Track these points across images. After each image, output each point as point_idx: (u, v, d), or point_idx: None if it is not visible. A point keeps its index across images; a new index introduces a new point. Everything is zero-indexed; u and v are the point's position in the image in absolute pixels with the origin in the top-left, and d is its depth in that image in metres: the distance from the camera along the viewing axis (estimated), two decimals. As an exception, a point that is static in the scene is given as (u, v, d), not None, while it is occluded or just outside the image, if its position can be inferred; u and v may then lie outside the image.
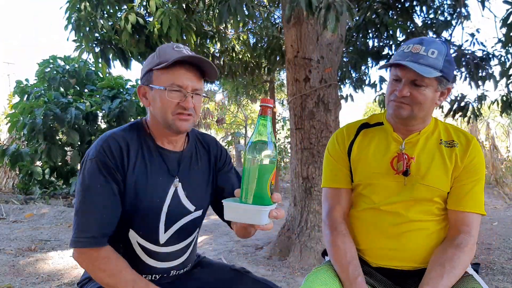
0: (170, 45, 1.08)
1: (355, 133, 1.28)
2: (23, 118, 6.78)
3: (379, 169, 1.19)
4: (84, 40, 3.22)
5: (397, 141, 1.21)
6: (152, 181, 1.08)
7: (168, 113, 1.04)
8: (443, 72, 1.09)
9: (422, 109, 1.13)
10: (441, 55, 1.10)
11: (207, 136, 1.28)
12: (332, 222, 1.22)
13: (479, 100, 4.33)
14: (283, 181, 10.17)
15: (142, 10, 3.39)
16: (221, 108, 15.07)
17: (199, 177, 1.18)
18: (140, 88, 1.11)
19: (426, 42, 1.12)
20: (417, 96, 1.11)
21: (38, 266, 3.26)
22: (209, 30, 4.50)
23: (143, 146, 1.09)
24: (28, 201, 6.85)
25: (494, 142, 9.90)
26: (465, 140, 1.18)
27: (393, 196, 1.17)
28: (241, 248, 3.70)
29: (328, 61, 3.23)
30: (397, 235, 1.16)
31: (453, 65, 1.14)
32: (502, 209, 6.30)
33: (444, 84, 1.13)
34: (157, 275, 1.14)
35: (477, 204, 1.14)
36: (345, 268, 1.11)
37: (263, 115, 0.85)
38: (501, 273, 2.98)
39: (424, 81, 1.10)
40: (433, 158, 1.17)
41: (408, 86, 1.12)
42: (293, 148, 3.39)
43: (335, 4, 2.27)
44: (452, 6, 4.30)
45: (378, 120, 1.28)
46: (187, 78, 1.04)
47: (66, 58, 7.88)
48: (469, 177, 1.15)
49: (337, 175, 1.26)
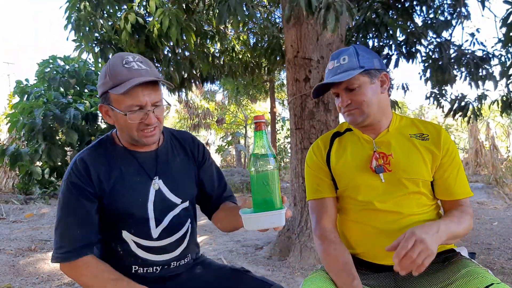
0: (119, 62, 1.06)
1: (330, 143, 1.32)
2: (22, 118, 6.78)
3: (360, 170, 1.22)
4: (84, 40, 3.22)
5: (368, 142, 1.25)
6: (130, 183, 1.13)
7: (133, 131, 1.08)
8: (363, 67, 1.16)
9: (369, 105, 1.18)
10: (352, 56, 1.18)
11: (183, 133, 1.32)
12: (322, 232, 1.23)
13: (479, 100, 4.33)
14: (283, 181, 10.17)
15: (142, 10, 3.39)
16: (221, 108, 15.07)
17: (179, 170, 1.23)
18: (102, 107, 1.12)
19: (335, 55, 1.23)
20: (357, 98, 1.18)
21: (38, 266, 3.26)
22: (209, 30, 4.50)
23: (115, 155, 1.15)
24: (28, 201, 6.85)
25: (494, 142, 9.91)
26: (434, 130, 1.22)
27: (382, 195, 1.19)
28: (241, 248, 3.70)
29: (328, 61, 3.23)
30: (395, 232, 1.15)
31: (371, 55, 1.20)
32: (502, 209, 6.29)
33: (374, 73, 1.18)
34: (158, 267, 1.17)
35: (466, 188, 1.21)
36: (340, 273, 1.11)
37: (258, 131, 0.95)
38: (501, 273, 2.98)
39: (354, 83, 1.16)
40: (409, 151, 1.20)
41: (346, 95, 1.19)
42: (293, 148, 3.39)
43: (334, 4, 2.26)
44: (452, 6, 4.30)
45: (347, 127, 1.34)
46: (144, 95, 1.05)
47: (66, 58, 7.88)
48: (450, 167, 1.19)
49: (320, 185, 1.29)
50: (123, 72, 1.04)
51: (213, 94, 13.88)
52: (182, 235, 1.22)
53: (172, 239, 1.19)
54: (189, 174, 1.25)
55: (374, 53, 1.22)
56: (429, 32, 4.35)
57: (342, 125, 1.36)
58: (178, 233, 1.20)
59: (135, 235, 1.14)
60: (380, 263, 1.21)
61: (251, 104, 13.76)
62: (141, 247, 1.15)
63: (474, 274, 1.04)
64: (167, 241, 1.17)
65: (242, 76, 5.69)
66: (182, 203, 1.21)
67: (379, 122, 1.24)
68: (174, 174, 1.21)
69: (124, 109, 1.05)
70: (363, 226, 1.21)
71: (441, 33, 4.27)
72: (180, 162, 1.24)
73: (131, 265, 1.15)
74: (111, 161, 1.14)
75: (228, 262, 3.24)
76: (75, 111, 6.79)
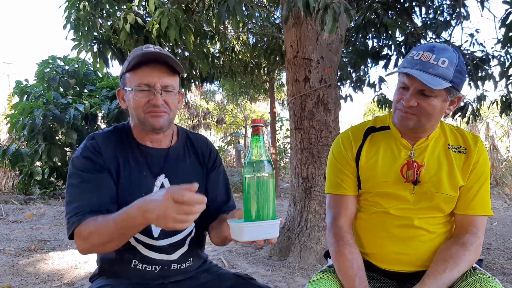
0: (140, 48, 1.13)
1: (362, 138, 1.22)
2: (22, 119, 6.78)
3: (389, 177, 1.16)
4: (83, 39, 3.22)
5: (406, 148, 1.17)
6: (135, 177, 1.13)
7: (140, 111, 1.10)
8: (453, 83, 1.04)
9: (430, 119, 1.09)
10: (452, 64, 1.04)
11: (199, 136, 1.31)
12: (337, 231, 1.18)
13: (479, 100, 4.33)
14: (283, 181, 10.17)
15: (141, 10, 3.39)
16: (221, 108, 15.07)
17: (188, 172, 1.21)
18: (119, 91, 1.17)
19: (437, 50, 1.05)
20: (425, 107, 1.06)
21: (37, 266, 3.26)
22: (208, 30, 4.50)
23: (126, 145, 1.15)
24: (28, 201, 6.85)
25: (494, 142, 9.92)
26: (470, 142, 1.16)
27: (405, 204, 1.15)
28: (241, 248, 3.70)
29: (327, 61, 3.23)
30: (404, 239, 1.15)
31: (464, 74, 1.09)
32: (502, 209, 6.30)
33: (454, 93, 1.08)
34: (157, 266, 1.16)
35: (484, 206, 1.13)
36: (352, 279, 1.07)
37: (256, 135, 0.90)
38: (501, 273, 2.98)
39: (433, 92, 1.04)
40: (443, 165, 1.14)
41: (416, 96, 1.06)
42: (292, 148, 3.39)
43: (332, 5, 2.26)
44: (452, 7, 4.31)
45: (384, 124, 1.23)
46: (154, 75, 1.08)
47: (66, 58, 7.88)
48: (476, 179, 1.13)
49: (343, 181, 1.22)
50: (140, 54, 1.08)
51: (212, 94, 13.87)
52: (183, 238, 1.19)
53: (173, 240, 1.17)
54: (197, 177, 1.22)
55: (466, 72, 1.11)
56: (429, 33, 4.36)
57: (377, 120, 1.26)
58: (179, 234, 1.19)
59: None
60: (385, 268, 1.19)
61: (251, 104, 13.76)
62: (141, 243, 1.15)
63: (481, 282, 1.00)
64: (168, 241, 1.16)
65: (241, 76, 5.69)
66: None
67: (422, 132, 1.16)
68: (182, 174, 1.19)
69: (133, 86, 1.08)
70: (375, 227, 1.19)
71: (440, 33, 4.28)
72: (190, 164, 1.22)
73: (131, 259, 1.15)
74: (121, 150, 1.13)
75: (228, 262, 3.24)
76: (75, 112, 6.80)
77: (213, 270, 1.28)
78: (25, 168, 7.23)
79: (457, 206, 1.16)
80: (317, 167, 3.19)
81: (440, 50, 1.05)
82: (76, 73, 7.66)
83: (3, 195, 7.54)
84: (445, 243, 1.14)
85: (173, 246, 1.17)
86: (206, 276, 1.24)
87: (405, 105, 1.08)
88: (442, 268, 1.04)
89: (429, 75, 1.02)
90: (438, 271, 1.03)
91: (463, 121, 4.45)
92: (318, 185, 3.19)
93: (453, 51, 1.08)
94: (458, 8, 4.07)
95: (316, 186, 3.20)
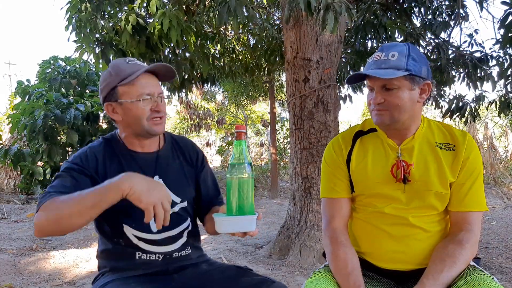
0: (121, 61, 1.19)
1: (352, 142, 1.26)
2: (24, 119, 6.80)
3: (379, 178, 1.18)
4: (85, 41, 3.24)
5: (393, 148, 1.20)
6: None
7: (143, 120, 1.16)
8: (410, 71, 1.08)
9: (402, 111, 1.12)
10: (402, 55, 1.10)
11: (183, 138, 1.40)
12: (332, 233, 1.21)
13: (477, 100, 4.35)
14: (283, 181, 10.19)
15: (142, 11, 3.41)
16: (221, 109, 15.08)
17: (179, 172, 1.29)
18: (108, 106, 1.20)
19: (386, 47, 1.14)
20: (392, 100, 1.11)
21: (39, 265, 3.28)
22: (209, 31, 4.53)
23: (117, 153, 1.23)
24: (29, 201, 6.88)
25: (492, 142, 9.94)
26: (459, 139, 1.17)
27: (398, 203, 1.17)
28: (241, 247, 3.72)
29: (327, 61, 3.26)
30: (400, 238, 1.16)
31: (421, 61, 1.12)
32: (500, 208, 6.32)
33: (418, 81, 1.11)
34: (160, 255, 1.22)
35: (478, 201, 1.14)
36: (346, 278, 1.09)
37: (238, 139, 1.00)
38: (499, 272, 3.00)
39: (393, 84, 1.09)
40: (432, 162, 1.16)
41: (380, 93, 1.12)
42: (292, 148, 3.41)
43: (334, 4, 2.28)
44: (450, 7, 4.33)
45: (371, 126, 1.26)
46: (152, 85, 1.18)
47: (67, 59, 7.90)
48: (467, 176, 1.14)
49: (336, 185, 1.25)
50: (128, 67, 1.15)
51: (213, 95, 13.88)
52: (182, 230, 1.27)
53: (172, 233, 1.23)
54: (188, 176, 1.31)
55: (425, 60, 1.14)
56: (428, 33, 4.38)
57: (365, 123, 1.29)
58: (178, 228, 1.25)
59: (136, 229, 1.20)
60: (382, 266, 1.21)
61: (251, 105, 13.76)
62: (142, 239, 1.20)
63: (479, 281, 1.01)
64: (167, 234, 1.22)
65: (242, 77, 5.71)
66: (181, 202, 1.26)
67: (406, 129, 1.17)
68: (174, 174, 1.27)
69: (136, 97, 1.15)
70: (371, 226, 1.21)
71: (439, 34, 4.30)
72: (180, 165, 1.31)
73: (134, 252, 1.20)
74: (114, 158, 1.21)
75: (228, 261, 3.27)
76: (76, 112, 6.81)
77: (213, 262, 1.35)
78: (26, 168, 7.26)
79: (451, 203, 1.17)
80: (317, 167, 3.21)
81: (389, 47, 1.14)
82: (77, 73, 7.67)
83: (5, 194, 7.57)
84: (441, 242, 1.15)
85: (173, 238, 1.24)
86: (207, 266, 1.30)
87: (374, 104, 1.14)
88: (440, 268, 1.05)
89: (383, 70, 1.10)
90: (437, 270, 1.05)
91: (461, 121, 4.47)
92: (318, 184, 3.22)
93: (403, 44, 1.14)
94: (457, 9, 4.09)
95: (315, 185, 3.22)
